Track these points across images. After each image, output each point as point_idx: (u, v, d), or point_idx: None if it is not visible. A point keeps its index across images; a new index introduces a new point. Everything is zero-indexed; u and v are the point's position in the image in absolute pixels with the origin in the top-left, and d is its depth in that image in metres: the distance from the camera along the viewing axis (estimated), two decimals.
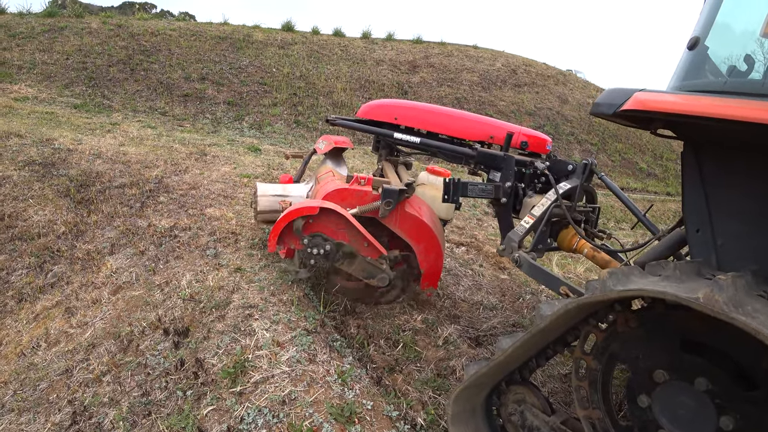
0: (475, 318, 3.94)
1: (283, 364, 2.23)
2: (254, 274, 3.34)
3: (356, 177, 3.09)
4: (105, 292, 3.27)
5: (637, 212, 3.17)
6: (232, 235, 4.10)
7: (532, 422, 1.98)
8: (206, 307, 2.81)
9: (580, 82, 15.83)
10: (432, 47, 14.61)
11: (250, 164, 6.37)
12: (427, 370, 2.96)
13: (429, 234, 3.21)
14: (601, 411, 1.77)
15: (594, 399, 1.78)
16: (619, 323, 1.70)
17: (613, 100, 1.76)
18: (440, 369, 3.00)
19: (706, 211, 1.82)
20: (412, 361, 3.04)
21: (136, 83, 8.48)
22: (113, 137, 6.16)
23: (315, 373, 2.24)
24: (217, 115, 8.79)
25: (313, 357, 2.39)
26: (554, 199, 2.81)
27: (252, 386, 2.09)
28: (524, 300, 4.58)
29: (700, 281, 1.49)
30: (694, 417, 1.48)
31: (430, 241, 3.21)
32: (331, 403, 2.07)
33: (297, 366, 2.25)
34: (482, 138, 3.31)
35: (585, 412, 1.80)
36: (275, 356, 2.27)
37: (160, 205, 4.60)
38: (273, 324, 2.60)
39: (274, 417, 1.92)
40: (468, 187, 3.00)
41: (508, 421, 2.09)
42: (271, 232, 2.68)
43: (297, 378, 2.17)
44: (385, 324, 3.37)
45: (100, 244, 3.98)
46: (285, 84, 10.60)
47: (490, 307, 4.17)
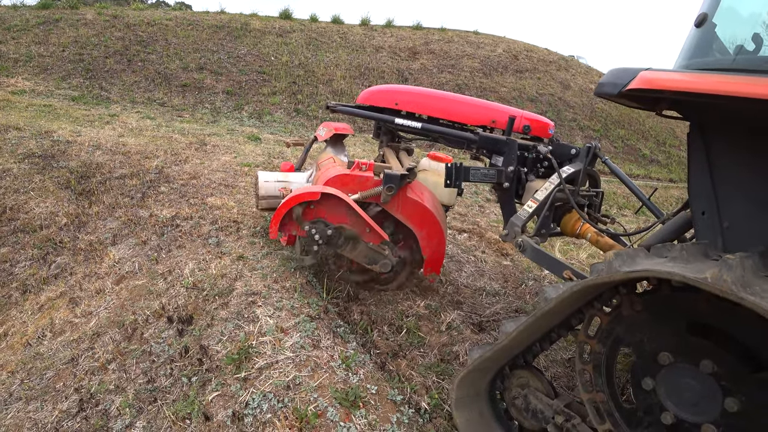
0: (478, 304, 3.96)
1: (287, 350, 2.23)
2: (257, 262, 3.33)
3: (357, 163, 3.06)
4: (108, 282, 3.28)
5: (641, 196, 3.14)
6: (234, 224, 4.09)
7: (536, 405, 1.99)
8: (209, 294, 2.81)
9: (583, 67, 15.65)
10: (432, 33, 14.43)
11: (250, 153, 6.34)
12: (430, 355, 2.98)
13: (431, 219, 3.19)
14: (605, 394, 1.76)
15: (598, 382, 1.78)
16: (624, 306, 1.69)
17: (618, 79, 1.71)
18: (443, 354, 3.02)
19: (712, 193, 1.78)
20: (416, 346, 3.06)
21: (134, 74, 8.41)
22: (112, 128, 6.12)
23: (319, 359, 2.25)
24: (216, 105, 8.72)
25: (317, 343, 2.40)
26: (557, 183, 2.78)
27: (256, 372, 2.09)
28: (527, 286, 4.58)
29: (708, 262, 1.47)
30: (700, 399, 1.48)
31: (433, 226, 3.19)
32: (336, 388, 2.07)
33: (301, 352, 2.25)
34: (484, 122, 3.27)
35: (589, 396, 1.80)
36: (279, 342, 2.28)
37: (161, 195, 4.58)
38: (276, 311, 2.60)
39: (278, 402, 1.93)
40: (470, 171, 2.98)
41: (512, 404, 2.09)
42: (273, 218, 2.66)
43: (301, 363, 2.18)
44: (388, 310, 3.38)
45: (102, 234, 3.98)
46: (284, 72, 10.50)
47: (492, 293, 4.18)
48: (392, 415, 2.11)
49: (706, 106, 1.64)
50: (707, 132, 1.77)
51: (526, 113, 3.34)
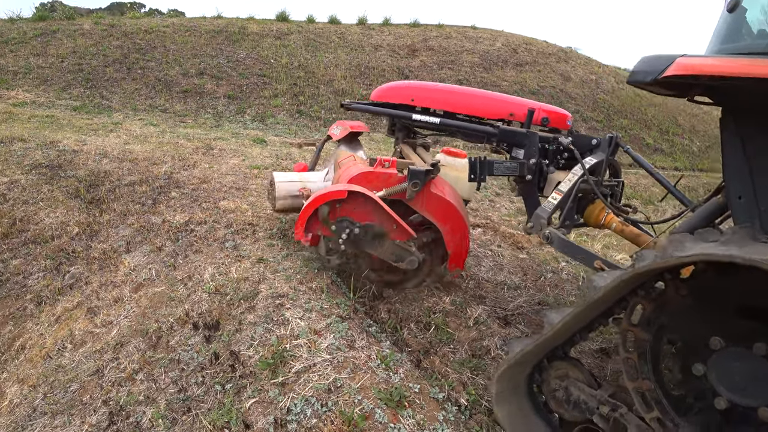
0: (501, 298, 3.88)
1: (323, 352, 2.14)
2: (278, 264, 3.24)
3: (380, 159, 2.99)
4: (126, 290, 3.19)
5: (667, 184, 3.11)
6: (249, 227, 4.00)
7: (578, 397, 1.95)
8: (234, 299, 2.72)
9: (582, 58, 15.57)
10: (430, 30, 14.36)
11: (258, 156, 6.25)
12: (461, 351, 2.92)
13: (455, 214, 3.13)
14: (652, 382, 1.73)
15: (644, 370, 1.74)
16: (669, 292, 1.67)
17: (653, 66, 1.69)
18: (474, 349, 2.96)
19: (748, 178, 1.76)
20: (445, 343, 2.99)
21: (134, 82, 8.32)
22: (117, 136, 6.04)
23: (357, 359, 2.15)
24: (218, 110, 8.64)
25: (352, 343, 2.31)
26: (581, 174, 2.76)
27: (294, 376, 2.00)
28: (546, 279, 4.50)
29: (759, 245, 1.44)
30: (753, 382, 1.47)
31: (457, 221, 3.13)
32: (379, 388, 1.98)
33: (337, 353, 2.16)
34: (502, 116, 3.22)
35: (635, 384, 1.77)
36: (314, 344, 2.18)
37: (173, 201, 4.49)
38: (306, 312, 2.51)
39: (322, 406, 1.83)
40: (494, 165, 2.95)
41: (551, 397, 2.05)
42: (298, 219, 2.57)
43: (339, 365, 2.08)
44: (414, 307, 3.30)
45: (116, 242, 3.89)
46: (284, 74, 10.43)
47: (513, 287, 4.11)
48: (437, 413, 2.02)
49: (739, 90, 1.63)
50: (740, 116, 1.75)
51: (544, 105, 3.30)
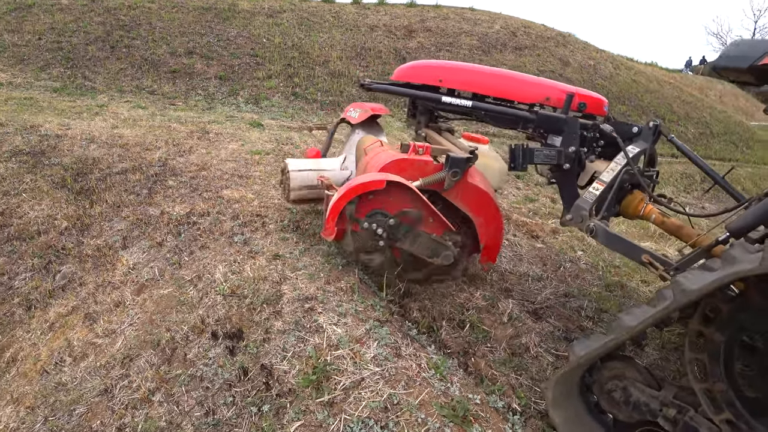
0: (527, 290, 3.72)
1: (370, 363, 1.88)
2: (296, 261, 2.94)
3: (414, 146, 2.70)
4: (127, 292, 2.86)
5: (715, 176, 3.00)
6: (258, 218, 3.68)
7: (638, 398, 1.87)
8: (254, 302, 2.42)
9: (580, 43, 15.31)
10: (427, 10, 13.89)
11: (257, 140, 5.86)
12: (499, 350, 2.76)
13: (491, 205, 2.92)
14: (724, 383, 1.69)
15: (715, 372, 1.70)
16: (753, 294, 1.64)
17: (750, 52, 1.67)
18: (513, 348, 2.81)
19: None
20: (482, 341, 2.81)
21: (119, 61, 7.76)
22: (103, 120, 5.57)
23: (408, 370, 1.90)
24: (209, 91, 8.15)
25: (398, 350, 2.05)
26: (624, 164, 2.65)
27: (342, 393, 1.73)
28: (565, 269, 4.35)
29: None
30: None
31: (492, 213, 2.91)
32: (440, 403, 1.74)
33: (386, 364, 1.90)
34: (537, 100, 3.00)
35: (704, 385, 1.72)
36: (359, 355, 1.91)
37: (170, 190, 4.13)
38: (340, 317, 2.23)
39: (381, 428, 1.57)
40: (534, 153, 2.78)
41: (606, 398, 1.97)
42: (330, 213, 2.27)
43: (392, 378, 1.82)
44: (445, 304, 3.08)
45: (110, 237, 3.53)
46: (278, 55, 9.92)
47: (536, 278, 3.96)
48: (504, 426, 1.79)
49: None
50: None
51: (580, 90, 3.09)
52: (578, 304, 3.72)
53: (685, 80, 21.88)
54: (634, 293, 4.28)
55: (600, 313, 3.70)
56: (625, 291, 4.27)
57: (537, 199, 6.50)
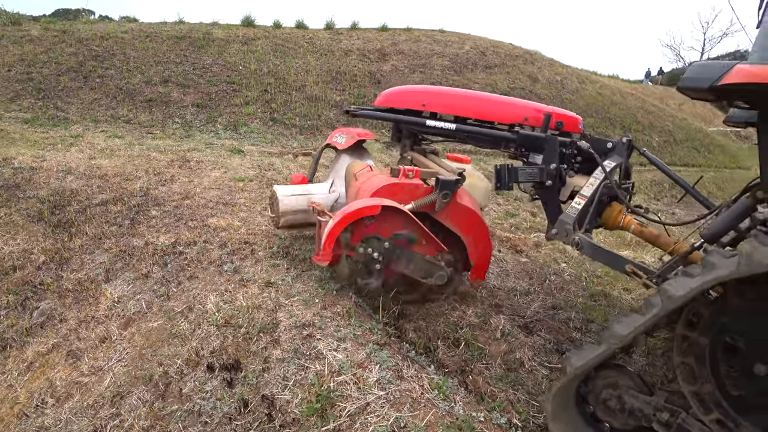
0: (516, 305, 3.78)
1: (374, 388, 1.86)
2: (289, 287, 2.92)
3: (403, 170, 2.78)
4: (113, 326, 2.76)
5: (685, 185, 3.18)
6: (246, 245, 3.64)
7: (633, 404, 1.92)
8: (250, 332, 2.38)
9: (546, 60, 15.99)
10: (399, 34, 14.27)
11: (239, 167, 5.84)
12: (495, 366, 2.79)
13: (479, 224, 2.99)
14: (711, 385, 1.76)
15: (703, 374, 1.77)
16: (731, 296, 1.71)
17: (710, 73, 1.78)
18: (508, 363, 2.85)
19: None
20: (477, 358, 2.84)
21: (93, 91, 7.63)
22: (79, 150, 5.45)
23: (412, 392, 1.89)
24: (187, 119, 8.09)
25: (400, 373, 2.05)
26: (603, 178, 2.75)
27: (348, 420, 1.71)
28: (551, 281, 4.45)
29: None
30: None
31: (480, 231, 2.98)
32: (446, 423, 1.74)
33: (389, 387, 1.89)
34: (516, 120, 3.13)
35: (692, 388, 1.79)
36: (362, 380, 1.90)
37: (154, 220, 4.04)
38: (340, 342, 2.22)
39: None
40: (518, 172, 2.89)
41: (602, 408, 2.01)
42: (327, 238, 2.28)
43: (396, 401, 1.81)
44: (439, 324, 3.10)
45: (92, 270, 3.41)
46: (254, 81, 9.97)
47: (524, 292, 4.03)
48: None
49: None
50: None
51: (556, 109, 3.25)
52: (566, 316, 3.78)
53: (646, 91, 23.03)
54: (617, 302, 4.38)
55: (587, 324, 3.77)
56: (609, 300, 4.38)
57: (518, 213, 6.65)
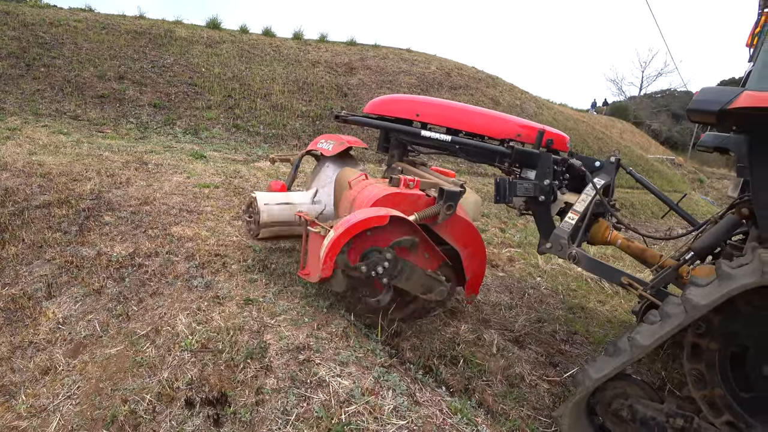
0: (503, 319, 3.79)
1: (392, 416, 1.62)
2: (273, 305, 2.60)
3: (404, 179, 2.61)
4: (57, 354, 2.31)
5: (669, 203, 3.37)
6: (217, 258, 3.27)
7: (645, 413, 1.94)
8: (234, 358, 2.04)
9: (507, 85, 16.63)
10: (367, 49, 14.30)
11: (202, 173, 5.39)
12: (495, 382, 2.75)
13: (476, 238, 2.89)
14: (722, 389, 1.81)
15: (713, 379, 1.81)
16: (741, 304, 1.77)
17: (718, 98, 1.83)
18: (509, 379, 2.83)
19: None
20: (477, 375, 2.76)
21: (36, 81, 6.85)
22: (17, 145, 4.78)
23: (433, 418, 1.68)
24: (142, 119, 7.48)
25: (414, 397, 1.83)
26: (594, 195, 2.83)
27: None
28: (530, 295, 4.52)
29: None
30: None
31: (477, 245, 2.89)
32: None
33: (408, 414, 1.67)
34: (509, 135, 3.12)
35: (702, 393, 1.83)
36: (377, 409, 1.64)
37: (107, 227, 3.56)
38: (342, 366, 1.95)
39: None
40: (516, 186, 2.90)
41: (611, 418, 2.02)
42: (328, 251, 2.03)
43: (420, 429, 1.59)
44: (435, 341, 2.97)
45: (30, 285, 2.90)
46: (217, 85, 9.49)
47: (508, 307, 4.05)
48: None
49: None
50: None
51: (546, 127, 3.30)
52: (551, 329, 3.80)
53: (593, 119, 24.60)
54: (594, 314, 4.50)
55: (572, 336, 3.83)
56: (586, 312, 4.49)
57: (487, 229, 6.67)
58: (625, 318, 4.62)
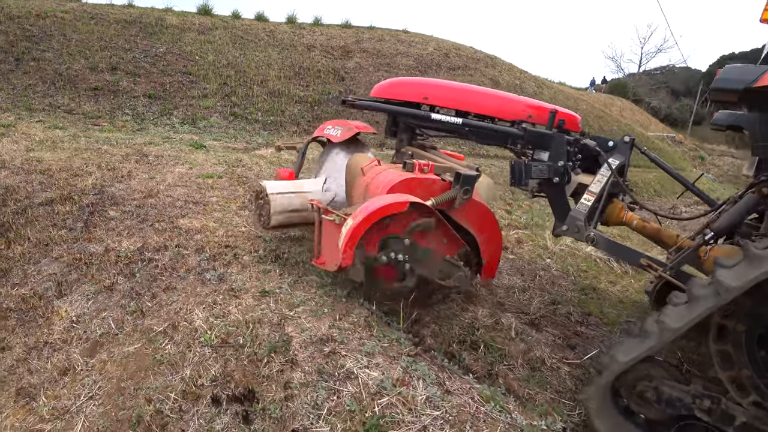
0: (518, 302, 3.76)
1: (426, 407, 1.59)
2: (290, 296, 2.55)
3: (418, 164, 2.55)
4: (75, 353, 2.26)
5: (686, 183, 3.21)
6: (228, 249, 3.21)
7: (671, 395, 1.93)
8: (257, 352, 2.00)
9: (506, 64, 16.36)
10: (362, 32, 14.00)
11: (204, 163, 5.29)
12: (517, 366, 2.73)
13: (491, 222, 2.86)
14: (750, 370, 1.80)
15: (741, 360, 1.80)
16: None
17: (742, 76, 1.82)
18: (531, 362, 2.81)
19: None
20: (499, 360, 2.74)
21: (26, 76, 6.67)
22: (13, 141, 4.67)
23: (467, 407, 1.66)
24: (138, 111, 7.33)
25: (444, 386, 1.80)
26: (609, 175, 2.80)
27: None
28: (541, 277, 4.48)
29: None
30: None
31: (493, 229, 2.88)
32: None
33: (442, 404, 1.63)
34: (520, 117, 3.06)
35: (729, 374, 1.83)
36: (410, 399, 1.61)
37: (113, 222, 3.48)
38: (369, 357, 1.91)
39: None
40: (531, 168, 2.84)
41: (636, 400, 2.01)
42: (347, 240, 1.97)
43: (455, 420, 1.56)
44: (454, 326, 2.95)
45: (39, 284, 2.84)
46: (212, 73, 9.29)
47: (521, 289, 4.02)
48: None
49: None
50: None
51: (557, 107, 3.20)
52: (566, 311, 3.77)
53: (592, 97, 24.35)
54: (606, 294, 4.47)
55: (586, 317, 3.80)
56: (598, 293, 4.47)
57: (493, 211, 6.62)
58: (636, 298, 4.61)
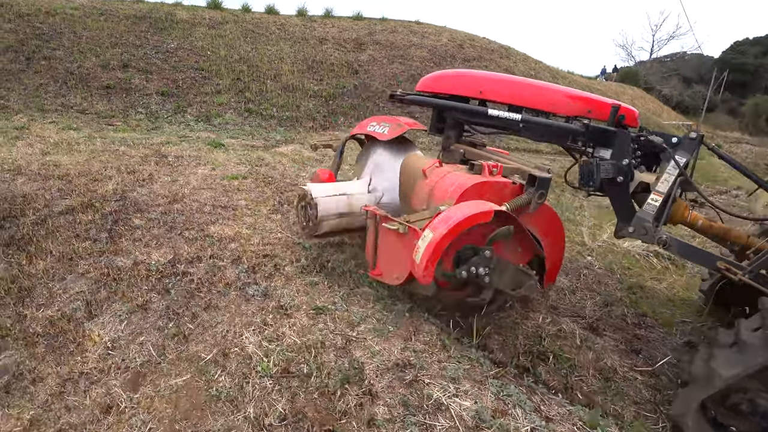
0: (571, 305, 3.55)
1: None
2: (346, 312, 2.29)
3: (487, 166, 2.29)
4: (116, 386, 2.01)
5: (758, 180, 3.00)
6: (267, 259, 2.95)
7: None
8: (327, 383, 1.74)
9: (521, 55, 15.95)
10: (374, 24, 13.65)
11: (226, 162, 5.04)
12: (589, 377, 2.53)
13: (558, 225, 2.67)
14: None
15: None
16: None
17: None
18: (602, 372, 2.60)
19: None
20: (569, 371, 2.53)
21: (38, 75, 6.43)
22: (28, 145, 4.42)
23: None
24: (152, 109, 7.08)
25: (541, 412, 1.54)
26: (678, 174, 2.65)
27: None
28: (586, 276, 4.27)
29: None
30: None
31: (558, 233, 2.69)
32: None
33: None
34: (580, 113, 2.87)
35: None
36: None
37: (138, 231, 3.23)
38: (454, 383, 1.67)
39: None
40: (600, 168, 2.65)
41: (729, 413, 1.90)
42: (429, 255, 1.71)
43: None
44: (518, 336, 2.75)
45: (67, 304, 2.59)
46: (225, 68, 9.02)
47: (571, 291, 3.83)
48: None
49: None
50: None
51: (616, 102, 2.99)
52: (620, 312, 3.57)
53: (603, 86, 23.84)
54: (654, 292, 4.21)
55: (642, 318, 3.56)
56: (645, 291, 4.32)
57: None
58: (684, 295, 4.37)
